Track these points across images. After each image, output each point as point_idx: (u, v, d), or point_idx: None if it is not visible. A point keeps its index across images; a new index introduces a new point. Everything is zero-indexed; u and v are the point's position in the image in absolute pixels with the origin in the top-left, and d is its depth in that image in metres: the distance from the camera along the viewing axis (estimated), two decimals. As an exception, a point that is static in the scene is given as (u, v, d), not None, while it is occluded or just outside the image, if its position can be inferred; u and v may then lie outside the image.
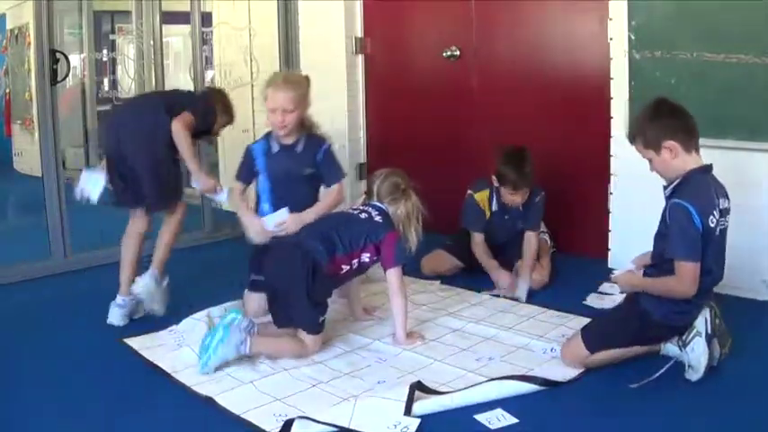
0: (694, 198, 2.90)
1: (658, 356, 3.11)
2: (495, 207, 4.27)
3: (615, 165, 4.30)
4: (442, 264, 4.42)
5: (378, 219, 3.48)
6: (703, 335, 3.01)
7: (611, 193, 4.34)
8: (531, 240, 4.17)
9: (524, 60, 4.80)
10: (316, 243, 3.30)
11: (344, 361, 3.29)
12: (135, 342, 3.51)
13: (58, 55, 4.50)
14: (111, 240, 4.88)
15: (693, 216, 2.86)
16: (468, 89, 5.06)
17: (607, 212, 4.39)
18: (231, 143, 5.99)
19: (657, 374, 2.99)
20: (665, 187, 3.06)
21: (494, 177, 4.16)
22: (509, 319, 3.74)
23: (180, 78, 7.92)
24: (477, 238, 4.30)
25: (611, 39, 4.22)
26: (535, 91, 4.76)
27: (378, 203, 3.56)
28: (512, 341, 3.47)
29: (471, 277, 4.35)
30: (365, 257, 3.43)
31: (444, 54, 5.06)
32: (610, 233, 4.39)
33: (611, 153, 4.30)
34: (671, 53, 3.93)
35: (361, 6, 5.50)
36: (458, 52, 5.03)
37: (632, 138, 3.11)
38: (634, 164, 4.09)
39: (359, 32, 5.52)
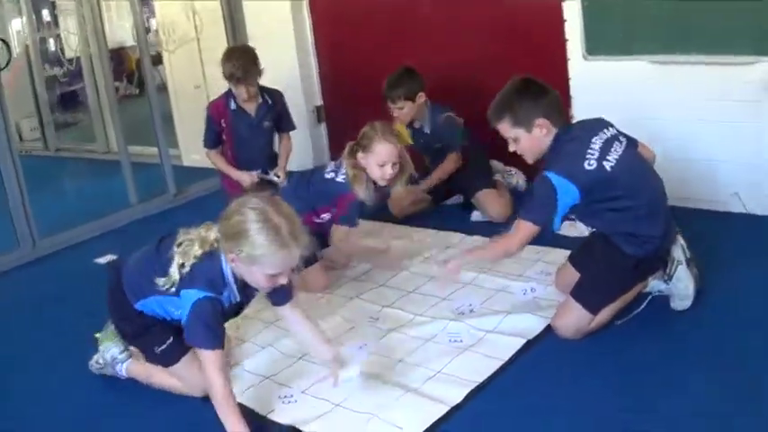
0: (562, 162, 2.85)
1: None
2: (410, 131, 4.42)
3: (575, 86, 4.24)
4: (407, 197, 4.33)
5: (340, 178, 3.56)
6: (684, 262, 3.03)
7: (572, 116, 4.25)
8: (448, 159, 4.35)
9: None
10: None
11: (327, 324, 3.23)
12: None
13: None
14: (77, 220, 4.87)
15: (555, 185, 2.80)
16: (418, 18, 4.95)
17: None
18: (184, 100, 5.89)
19: (640, 308, 3.04)
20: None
21: None
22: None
23: (126, 29, 7.73)
24: None
25: (560, -41, 4.11)
26: (487, 19, 4.65)
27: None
28: (491, 284, 3.47)
29: (442, 216, 4.38)
30: (325, 216, 3.60)
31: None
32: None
33: (570, 76, 4.23)
34: (625, -30, 3.84)
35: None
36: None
37: (498, 116, 2.98)
38: (594, 87, 4.12)
39: (302, -31, 5.36)
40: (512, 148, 3.03)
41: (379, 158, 3.48)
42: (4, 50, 4.42)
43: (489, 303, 3.29)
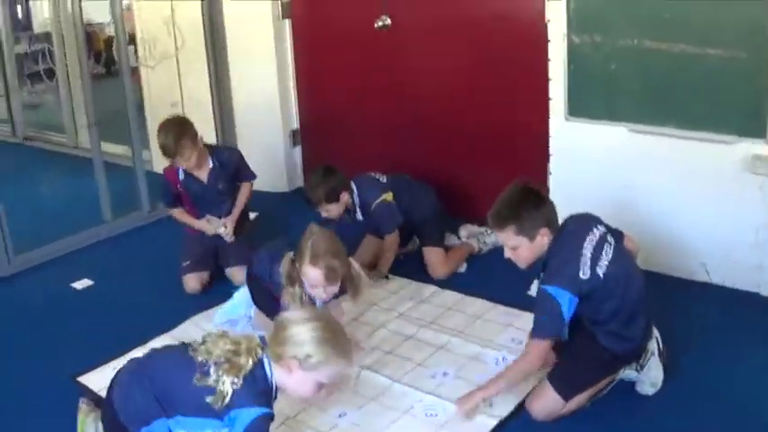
0: (559, 275, 2.94)
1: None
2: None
3: (554, 145, 4.32)
4: (377, 248, 4.41)
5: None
6: (656, 354, 3.18)
7: (550, 173, 4.37)
8: (388, 242, 4.30)
9: (458, 35, 4.67)
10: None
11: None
12: (91, 381, 3.43)
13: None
14: (52, 235, 4.86)
15: (557, 299, 2.90)
16: (400, 62, 4.96)
17: (547, 191, 4.39)
18: (161, 118, 5.79)
19: (606, 390, 3.16)
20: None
21: None
22: (458, 321, 3.83)
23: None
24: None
25: (548, 20, 4.14)
26: (469, 68, 4.68)
27: None
28: (463, 350, 3.56)
29: (412, 262, 4.40)
30: None
31: (376, 25, 4.87)
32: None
33: (550, 134, 4.30)
34: (611, 39, 3.88)
35: (285, -31, 5.30)
36: (389, 21, 4.86)
37: (501, 224, 3.04)
38: (573, 147, 4.21)
39: (284, -5, 5.34)
40: (507, 255, 3.09)
41: (308, 281, 3.29)
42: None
43: (463, 372, 3.38)
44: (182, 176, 4.31)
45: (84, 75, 5.29)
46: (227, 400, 2.49)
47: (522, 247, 3.03)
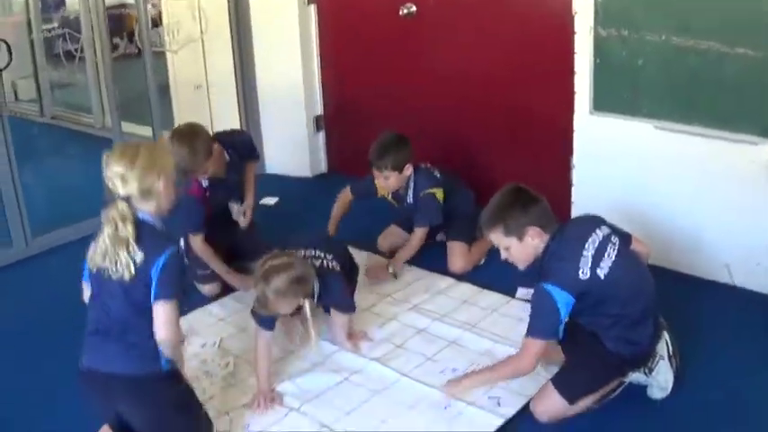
0: (557, 273, 2.87)
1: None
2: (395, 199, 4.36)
3: (578, 139, 4.23)
4: (398, 239, 4.41)
5: None
6: (666, 357, 3.10)
7: (573, 166, 4.30)
8: (415, 235, 4.24)
9: (483, 24, 4.61)
10: None
11: (310, 380, 3.32)
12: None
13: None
14: (71, 218, 4.84)
15: (554, 297, 2.82)
16: (424, 49, 4.91)
17: (570, 185, 4.35)
18: (186, 100, 5.83)
19: (616, 393, 3.09)
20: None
21: None
22: (472, 314, 3.77)
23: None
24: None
25: (575, 12, 4.04)
26: (494, 58, 4.62)
27: None
28: (475, 346, 3.52)
29: (434, 253, 4.31)
30: None
31: (401, 12, 4.84)
32: (572, 205, 4.34)
33: (574, 128, 4.22)
34: (639, 34, 3.79)
35: (311, -44, 5.26)
36: (414, 8, 4.83)
37: (490, 226, 3.00)
38: (597, 142, 4.15)
39: (310, -18, 5.31)
40: (504, 256, 3.05)
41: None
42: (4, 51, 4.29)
43: (473, 369, 3.31)
44: (206, 184, 4.05)
45: (106, 59, 5.26)
46: (133, 269, 2.56)
47: (513, 247, 2.98)
